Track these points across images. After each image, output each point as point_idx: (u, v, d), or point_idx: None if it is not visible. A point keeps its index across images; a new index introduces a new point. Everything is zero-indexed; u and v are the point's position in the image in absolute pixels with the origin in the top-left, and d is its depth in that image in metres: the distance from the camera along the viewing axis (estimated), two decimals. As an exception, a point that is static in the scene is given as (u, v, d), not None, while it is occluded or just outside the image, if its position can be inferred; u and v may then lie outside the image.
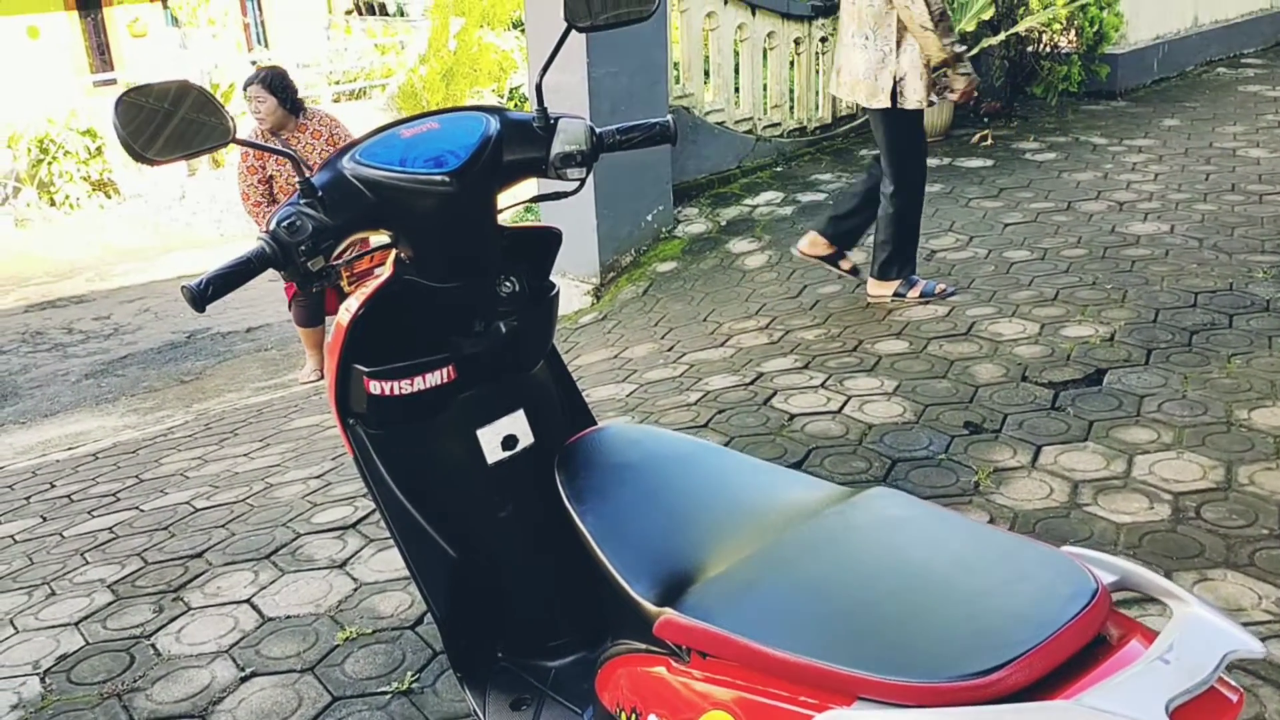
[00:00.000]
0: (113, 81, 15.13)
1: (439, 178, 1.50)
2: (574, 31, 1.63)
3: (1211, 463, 2.83)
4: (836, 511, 1.27)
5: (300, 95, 5.57)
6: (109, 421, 6.02)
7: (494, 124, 1.58)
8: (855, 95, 4.12)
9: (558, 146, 1.63)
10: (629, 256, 5.91)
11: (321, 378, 5.84)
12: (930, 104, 4.05)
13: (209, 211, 12.33)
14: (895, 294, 4.35)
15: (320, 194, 1.47)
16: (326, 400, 4.87)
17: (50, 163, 12.35)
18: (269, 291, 7.95)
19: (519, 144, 1.62)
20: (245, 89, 5.41)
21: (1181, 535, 2.51)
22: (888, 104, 4.02)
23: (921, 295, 4.32)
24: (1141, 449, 2.94)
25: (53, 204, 12.46)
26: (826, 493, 1.34)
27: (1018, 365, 3.56)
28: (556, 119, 1.64)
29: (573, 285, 5.80)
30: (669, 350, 4.41)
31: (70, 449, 5.15)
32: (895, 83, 3.99)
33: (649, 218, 6.00)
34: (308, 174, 1.48)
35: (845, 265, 4.55)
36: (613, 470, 1.50)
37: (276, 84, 5.34)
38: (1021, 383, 3.44)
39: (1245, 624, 2.15)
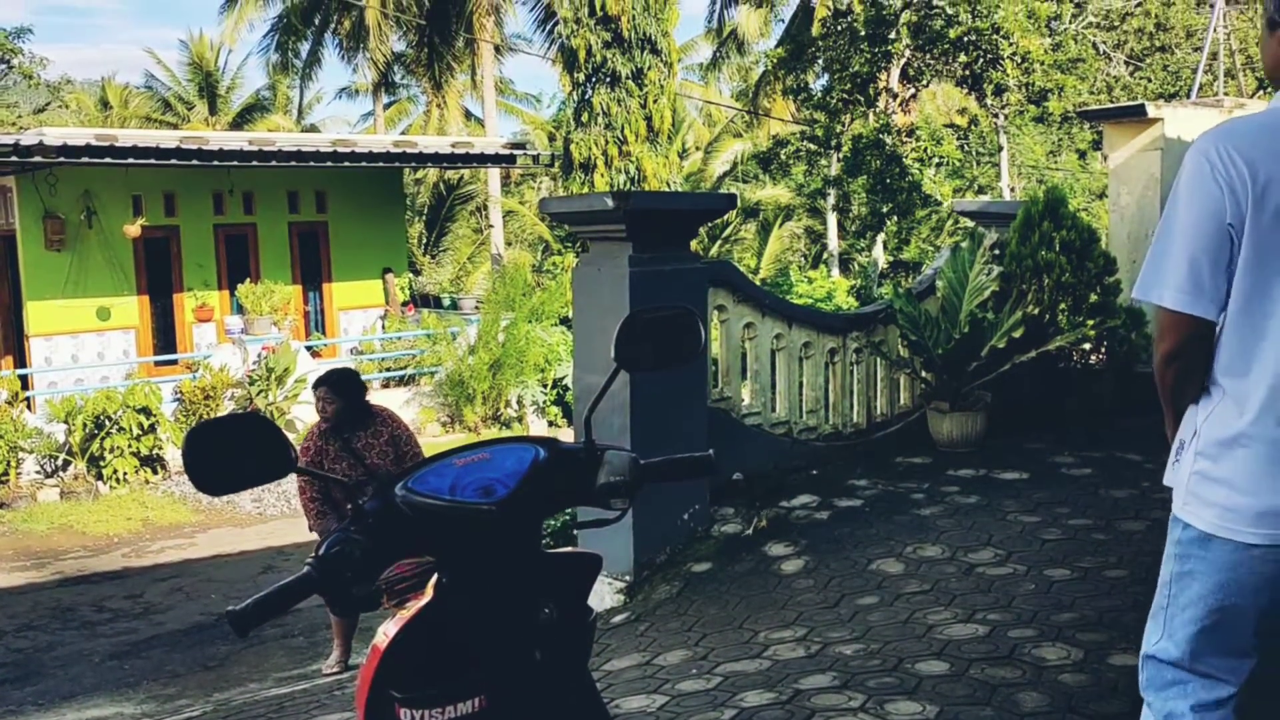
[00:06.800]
0: (174, 362, 15.80)
1: (485, 507, 1.56)
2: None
3: (1276, 815, 2.66)
4: None
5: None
6: (127, 709, 5.88)
7: (542, 454, 1.65)
8: None
9: (603, 477, 1.69)
10: (664, 555, 5.88)
11: (345, 669, 5.73)
12: None
13: (249, 490, 12.52)
14: None
15: (370, 520, 1.52)
16: (347, 695, 4.74)
17: (103, 438, 12.68)
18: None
19: (566, 473, 1.68)
20: (315, 388, 5.62)
21: None
22: None
23: None
24: (1200, 795, 2.77)
25: (100, 478, 12.70)
26: None
27: (1064, 695, 3.43)
28: (603, 450, 1.71)
29: (605, 583, 5.75)
30: (703, 659, 4.31)
31: (84, 738, 5.02)
32: None
33: (685, 516, 6.01)
34: (361, 499, 1.53)
35: None
36: None
37: (343, 387, 5.55)
38: (1068, 714, 3.31)
39: None
